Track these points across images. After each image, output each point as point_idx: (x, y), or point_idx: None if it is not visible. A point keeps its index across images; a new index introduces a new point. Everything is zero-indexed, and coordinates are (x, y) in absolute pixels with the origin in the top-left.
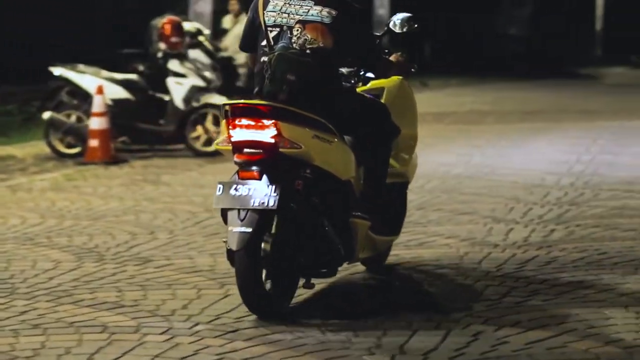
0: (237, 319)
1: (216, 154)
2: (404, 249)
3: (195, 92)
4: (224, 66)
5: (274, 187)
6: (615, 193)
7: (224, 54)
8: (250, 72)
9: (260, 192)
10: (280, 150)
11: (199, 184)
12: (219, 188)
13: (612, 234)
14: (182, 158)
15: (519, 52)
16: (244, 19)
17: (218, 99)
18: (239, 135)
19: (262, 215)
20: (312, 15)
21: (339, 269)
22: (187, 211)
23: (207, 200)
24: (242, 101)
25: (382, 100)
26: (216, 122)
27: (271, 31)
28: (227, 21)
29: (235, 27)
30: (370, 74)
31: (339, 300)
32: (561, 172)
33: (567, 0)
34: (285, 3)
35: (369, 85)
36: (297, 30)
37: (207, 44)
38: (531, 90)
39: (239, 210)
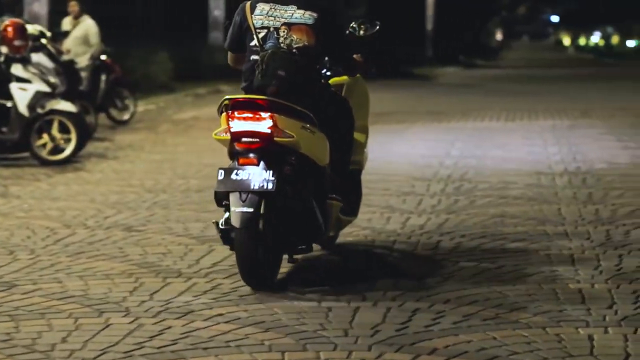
0: (126, 353)
1: (65, 162)
2: None
3: (40, 98)
4: (66, 70)
5: (271, 172)
6: (490, 200)
7: (65, 57)
8: (94, 76)
9: (259, 176)
10: (275, 139)
11: (52, 197)
12: (221, 173)
13: (501, 244)
14: (28, 167)
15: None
16: (85, 20)
17: (64, 105)
18: (238, 126)
19: (261, 197)
20: (296, 18)
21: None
22: (45, 227)
23: (64, 215)
24: (242, 96)
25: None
26: (63, 129)
27: (259, 32)
28: (66, 23)
29: (75, 30)
30: (328, 72)
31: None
32: (428, 178)
33: None
34: (271, 7)
35: (330, 81)
36: (284, 31)
37: (50, 47)
38: (374, 91)
39: (240, 192)
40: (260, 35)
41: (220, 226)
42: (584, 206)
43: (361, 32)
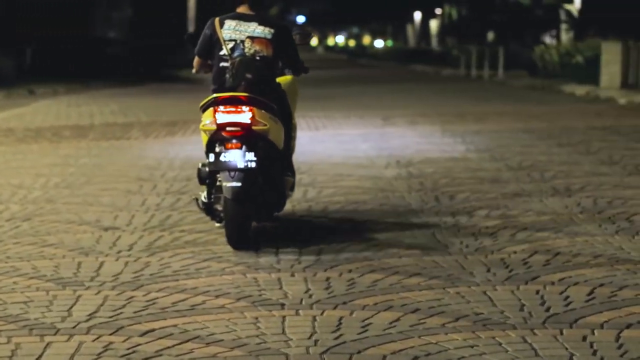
0: None
1: None
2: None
3: None
4: None
5: (252, 154)
6: (335, 190)
7: None
8: None
9: (243, 157)
10: (253, 128)
11: None
12: (211, 157)
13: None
14: None
15: (119, 56)
16: None
17: None
18: (223, 118)
19: (246, 174)
20: (258, 32)
21: None
22: None
23: None
24: (226, 94)
25: None
26: None
27: (228, 44)
28: None
29: None
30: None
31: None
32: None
33: (163, 2)
34: (237, 23)
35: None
36: (248, 43)
37: None
38: (155, 97)
39: (229, 171)
40: (229, 46)
41: (204, 199)
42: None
43: (297, 40)
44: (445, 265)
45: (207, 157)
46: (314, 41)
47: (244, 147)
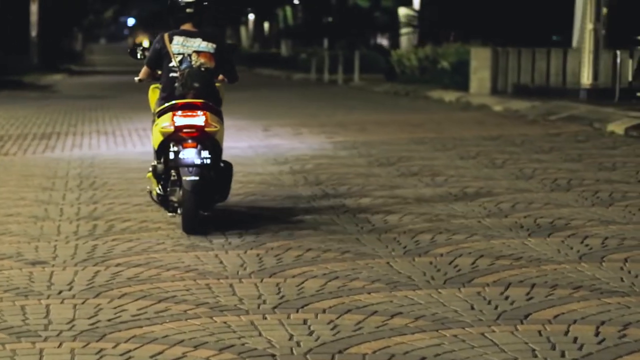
0: None
1: None
2: None
3: None
4: None
5: (207, 152)
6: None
7: None
8: None
9: (200, 155)
10: (206, 129)
11: None
12: (172, 154)
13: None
14: None
15: None
16: None
17: None
18: (181, 121)
19: (202, 169)
20: (202, 47)
21: None
22: None
23: None
24: (183, 100)
25: None
26: None
27: (177, 57)
28: None
29: None
30: None
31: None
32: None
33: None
34: (184, 39)
35: None
36: (194, 56)
37: None
38: (8, 107)
39: (187, 167)
40: (178, 59)
41: (159, 192)
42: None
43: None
44: (345, 240)
45: (160, 156)
46: (146, 43)
47: (199, 146)
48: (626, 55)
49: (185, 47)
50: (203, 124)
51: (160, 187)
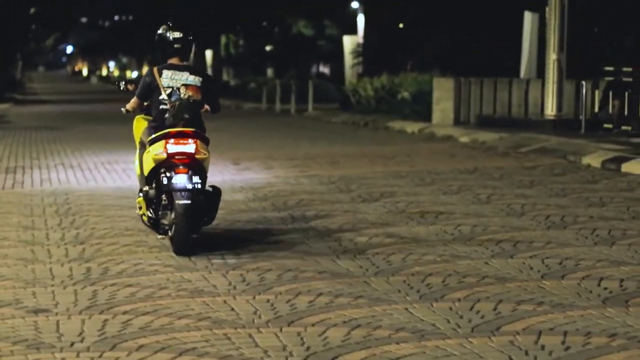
0: None
1: None
2: None
3: None
4: None
5: (198, 177)
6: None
7: None
8: None
9: (191, 180)
10: (196, 156)
11: None
12: (164, 179)
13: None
14: None
15: None
16: None
17: None
18: (173, 148)
19: (194, 193)
20: (190, 80)
21: None
22: None
23: None
24: (175, 129)
25: None
26: None
27: (166, 90)
28: None
29: None
30: None
31: None
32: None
33: None
34: (173, 73)
35: None
36: (183, 89)
37: None
38: None
39: (180, 191)
40: (167, 92)
41: (150, 215)
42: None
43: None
44: (354, 284)
45: (150, 182)
46: (85, 72)
47: (190, 172)
48: (590, 85)
49: (174, 80)
50: (194, 151)
51: (151, 210)
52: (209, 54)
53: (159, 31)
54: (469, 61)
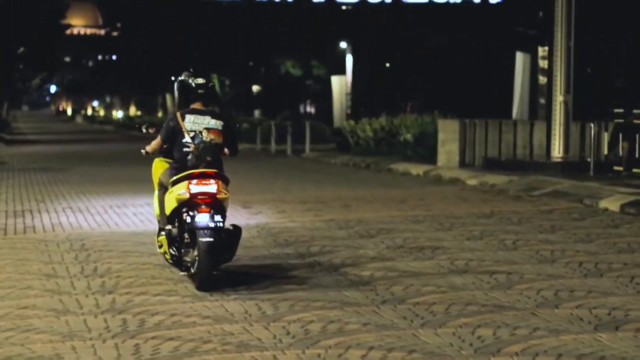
0: None
1: None
2: None
3: None
4: None
5: (219, 216)
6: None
7: None
8: None
9: (213, 219)
10: (217, 196)
11: None
12: (187, 218)
13: None
14: None
15: None
16: None
17: None
18: (196, 189)
19: (216, 231)
20: (212, 124)
21: None
22: None
23: None
24: (198, 170)
25: None
26: None
27: (190, 134)
28: None
29: None
30: None
31: None
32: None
33: None
34: (195, 117)
35: None
36: (205, 133)
37: None
38: None
39: (203, 229)
40: (191, 135)
41: (172, 253)
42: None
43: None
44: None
45: (171, 221)
46: (69, 111)
47: (212, 211)
48: (598, 127)
49: (197, 124)
50: (215, 191)
51: (174, 248)
52: None
53: (181, 77)
54: (458, 102)
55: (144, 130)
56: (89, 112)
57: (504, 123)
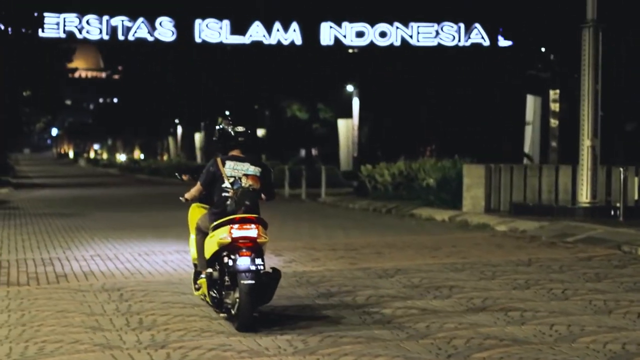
0: None
1: None
2: None
3: None
4: None
5: (260, 259)
6: None
7: None
8: None
9: (254, 262)
10: (258, 240)
11: None
12: (229, 262)
13: None
14: None
15: None
16: None
17: None
18: (238, 233)
19: (257, 274)
20: (251, 171)
21: None
22: None
23: None
24: (240, 215)
25: None
26: None
27: (229, 179)
28: None
29: None
30: None
31: None
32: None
33: None
34: (234, 163)
35: None
36: (244, 179)
37: None
38: None
39: (244, 272)
40: (230, 181)
41: (214, 294)
42: None
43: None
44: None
45: (212, 264)
46: (71, 154)
47: (252, 255)
48: (630, 172)
49: (236, 170)
50: (256, 235)
51: (214, 291)
52: (197, 137)
53: (220, 125)
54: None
55: (180, 178)
56: (92, 155)
57: (529, 167)
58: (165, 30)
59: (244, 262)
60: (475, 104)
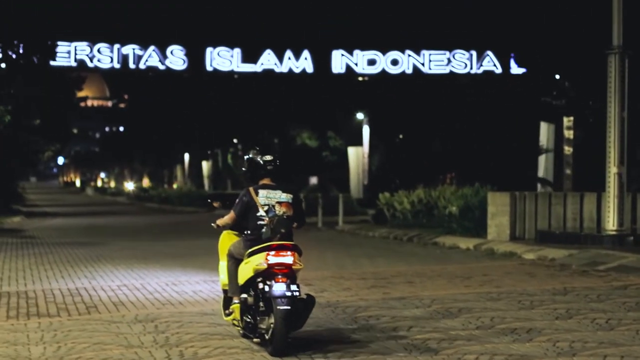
0: None
1: None
2: None
3: None
4: None
5: (296, 285)
6: None
7: None
8: None
9: (289, 288)
10: (293, 267)
11: None
12: (265, 287)
13: None
14: None
15: None
16: None
17: None
18: (274, 259)
19: (293, 300)
20: (283, 198)
21: None
22: None
23: None
24: (276, 242)
25: None
26: None
27: (264, 207)
28: None
29: None
30: None
31: None
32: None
33: None
34: (268, 192)
35: None
36: (277, 206)
37: None
38: (8, 256)
39: (280, 298)
40: (265, 209)
41: (248, 320)
42: None
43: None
44: None
45: (246, 290)
46: (78, 182)
47: (288, 281)
48: None
49: (269, 198)
50: (292, 262)
51: (248, 316)
52: (205, 165)
53: (249, 155)
54: (487, 173)
55: (211, 204)
56: (99, 183)
57: (553, 195)
58: (177, 58)
59: (280, 288)
60: (488, 131)
